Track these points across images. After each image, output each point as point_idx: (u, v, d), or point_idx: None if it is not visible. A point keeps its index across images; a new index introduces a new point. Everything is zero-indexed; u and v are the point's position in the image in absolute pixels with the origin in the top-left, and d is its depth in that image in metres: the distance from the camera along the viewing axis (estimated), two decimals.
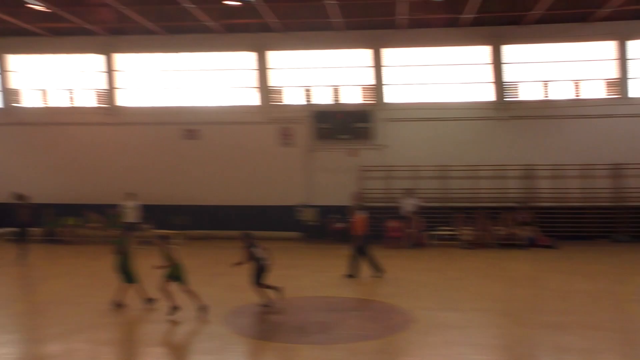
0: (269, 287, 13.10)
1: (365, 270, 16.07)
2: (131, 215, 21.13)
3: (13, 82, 24.97)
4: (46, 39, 24.08)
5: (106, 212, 22.49)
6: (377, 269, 16.08)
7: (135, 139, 24.27)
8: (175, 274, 12.21)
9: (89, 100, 24.76)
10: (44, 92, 24.95)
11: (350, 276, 15.92)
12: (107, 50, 24.29)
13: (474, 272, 17.34)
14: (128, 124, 24.27)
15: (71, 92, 24.83)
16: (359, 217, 16.22)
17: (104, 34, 23.69)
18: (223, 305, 13.05)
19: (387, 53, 23.58)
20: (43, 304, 13.45)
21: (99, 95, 24.72)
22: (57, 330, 11.28)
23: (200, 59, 24.28)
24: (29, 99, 25.08)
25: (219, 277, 16.35)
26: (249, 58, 24.04)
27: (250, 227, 23.27)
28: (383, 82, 23.69)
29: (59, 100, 24.89)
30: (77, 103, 24.81)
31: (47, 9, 19.88)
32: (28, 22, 22.02)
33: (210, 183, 23.95)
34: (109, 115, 24.33)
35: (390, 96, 23.71)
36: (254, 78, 24.11)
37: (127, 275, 12.81)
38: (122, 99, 24.58)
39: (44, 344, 10.69)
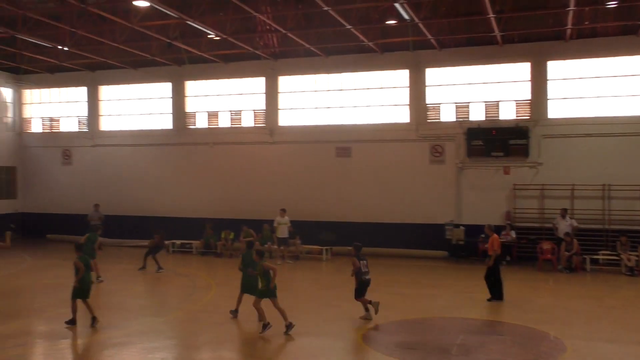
0: (368, 301, 13.33)
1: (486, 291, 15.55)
2: (283, 231, 22.08)
3: (189, 107, 27.35)
4: (217, 65, 26.19)
5: (261, 227, 23.68)
6: (492, 292, 15.51)
7: (290, 157, 25.52)
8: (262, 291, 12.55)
9: (249, 120, 26.40)
10: (209, 114, 27.01)
11: (491, 299, 15.46)
12: (270, 73, 25.81)
13: (638, 302, 15.87)
14: (284, 142, 25.59)
15: (234, 113, 26.63)
16: (494, 238, 15.76)
17: (267, 58, 25.24)
18: (362, 322, 13.20)
19: (549, 66, 22.56)
20: (197, 313, 14.55)
21: (259, 116, 26.25)
22: (207, 338, 12.14)
23: (355, 78, 25.01)
24: (196, 121, 27.29)
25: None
26: (403, 76, 24.24)
27: (396, 245, 23.64)
28: (543, 97, 22.68)
29: (222, 121, 26.80)
30: (239, 124, 26.55)
31: (219, 36, 21.59)
32: (205, 50, 24.15)
33: (358, 200, 24.46)
34: (267, 135, 25.75)
35: (549, 111, 22.56)
36: (406, 95, 24.21)
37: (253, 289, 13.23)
38: (281, 119, 25.91)
39: (195, 351, 11.60)
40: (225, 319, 13.60)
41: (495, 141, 22.79)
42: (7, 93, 29.85)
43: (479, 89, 23.50)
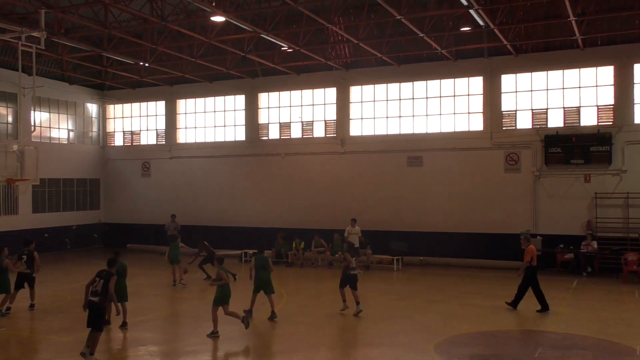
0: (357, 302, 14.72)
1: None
2: (354, 241, 21.97)
3: (261, 118, 27.90)
4: (289, 77, 26.62)
5: (332, 237, 23.72)
6: (516, 300, 15.41)
7: (361, 167, 25.51)
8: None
9: (321, 131, 26.63)
10: (281, 125, 27.44)
11: (541, 310, 15.10)
12: (341, 83, 25.99)
13: None
14: (355, 152, 25.61)
15: (305, 124, 26.94)
16: (531, 247, 15.47)
17: (339, 69, 25.43)
18: (437, 333, 12.99)
19: (636, 69, 21.62)
20: (269, 322, 14.62)
21: (330, 126, 26.44)
22: (280, 347, 12.25)
23: (427, 86, 24.78)
24: (268, 132, 27.78)
25: (434, 304, 16.31)
26: (477, 83, 23.85)
27: (469, 255, 23.16)
28: (628, 101, 21.72)
29: (294, 132, 27.16)
30: (311, 134, 26.82)
31: (292, 48, 21.99)
32: (277, 62, 24.65)
33: (430, 210, 24.16)
34: (338, 145, 25.86)
35: (635, 116, 21.58)
36: (480, 103, 23.78)
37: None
38: (352, 129, 26.00)
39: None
40: (297, 328, 13.68)
41: (575, 148, 21.97)
42: (93, 108, 31.42)
43: (558, 94, 22.73)
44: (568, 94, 22.59)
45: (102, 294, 10.97)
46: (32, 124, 22.48)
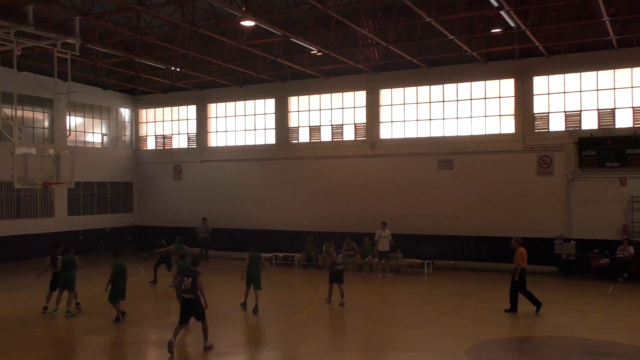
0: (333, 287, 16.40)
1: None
2: (384, 244, 21.92)
3: (291, 122, 28.01)
4: (319, 80, 26.69)
5: (362, 240, 23.64)
6: (535, 303, 15.39)
7: (391, 170, 25.41)
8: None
9: (350, 134, 26.62)
10: (311, 128, 27.49)
11: (510, 310, 15.37)
12: (371, 87, 25.97)
13: None
14: (385, 155, 25.53)
15: (335, 127, 26.94)
16: (521, 250, 15.56)
17: (368, 72, 25.40)
18: (468, 338, 12.85)
19: None
20: (299, 325, 14.73)
21: (360, 129, 26.40)
22: (309, 351, 12.25)
23: (457, 88, 24.60)
24: (298, 135, 27.85)
25: (464, 308, 16.15)
26: (508, 85, 23.60)
27: (501, 259, 22.87)
28: None
29: (324, 135, 27.19)
30: (340, 137, 26.83)
31: (321, 52, 22.05)
32: (307, 66, 24.75)
33: (461, 213, 23.91)
34: (368, 148, 25.82)
35: None
36: (511, 105, 23.49)
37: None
38: (382, 132, 25.92)
39: None
40: (326, 332, 13.68)
41: (609, 151, 21.55)
42: (126, 113, 31.95)
43: (591, 96, 22.33)
44: (602, 95, 22.18)
45: (193, 291, 12.05)
46: (68, 128, 23.04)
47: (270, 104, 28.57)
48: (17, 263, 24.81)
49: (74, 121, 28.54)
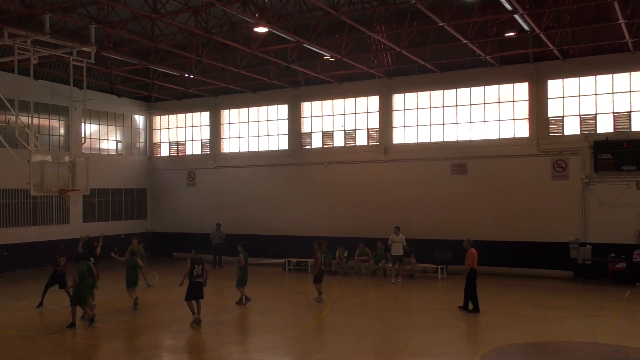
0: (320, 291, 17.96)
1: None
2: (397, 249, 21.86)
3: (304, 127, 28.10)
4: (332, 86, 26.74)
5: (375, 245, 23.61)
6: (475, 305, 16.02)
7: (404, 175, 25.35)
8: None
9: (363, 139, 26.62)
10: (324, 133, 27.53)
11: (462, 308, 16.14)
12: (384, 92, 25.98)
13: None
14: (398, 160, 25.48)
15: (348, 132, 26.96)
16: (472, 250, 16.28)
17: (382, 77, 25.41)
18: (483, 344, 12.78)
19: None
20: (313, 331, 14.75)
21: (373, 134, 26.38)
22: (324, 356, 12.23)
23: (471, 93, 24.50)
24: (311, 141, 27.90)
25: (480, 314, 16.04)
26: (522, 89, 23.49)
27: (516, 264, 22.74)
28: None
29: (337, 140, 27.22)
30: (353, 143, 26.82)
31: (334, 57, 22.11)
32: (320, 72, 24.82)
33: (475, 218, 23.77)
34: (381, 153, 25.79)
35: None
36: (526, 109, 23.38)
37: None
38: (395, 137, 25.91)
39: None
40: (341, 337, 13.64)
41: (626, 154, 21.35)
42: (140, 120, 32.19)
43: (607, 99, 22.16)
44: (618, 98, 22.00)
45: (203, 275, 15.04)
46: (83, 135, 23.16)
47: (283, 109, 28.64)
48: (33, 270, 25.03)
49: (89, 128, 28.78)
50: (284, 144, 28.56)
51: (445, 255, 23.14)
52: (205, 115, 30.92)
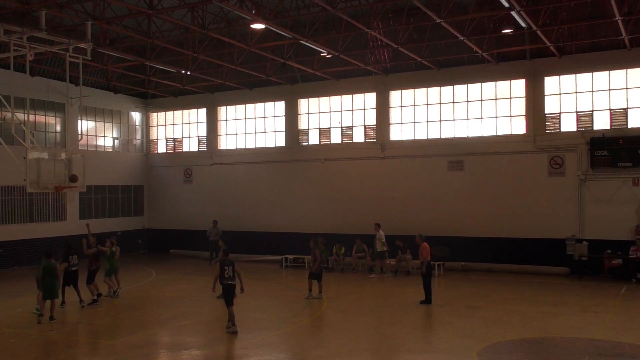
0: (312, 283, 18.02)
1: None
2: (378, 245, 22.20)
3: (301, 124, 28.07)
4: (329, 82, 26.72)
5: (372, 242, 23.60)
6: (428, 297, 16.83)
7: (401, 172, 25.37)
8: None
9: (360, 136, 26.63)
10: (321, 130, 27.51)
11: (424, 302, 16.74)
12: (381, 88, 25.97)
13: None
14: (395, 157, 25.49)
15: (345, 129, 26.95)
16: (424, 245, 17.08)
17: (378, 73, 25.41)
18: (480, 340, 12.81)
19: None
20: (310, 327, 14.77)
21: (370, 131, 26.38)
22: (321, 352, 12.24)
23: (467, 89, 24.50)
24: (308, 138, 27.89)
25: (476, 310, 16.09)
26: (519, 85, 23.51)
27: (513, 260, 22.79)
28: None
29: (334, 137, 27.20)
30: (350, 139, 26.83)
31: (331, 54, 22.09)
32: (317, 68, 24.82)
33: (472, 214, 23.83)
34: (378, 150, 25.80)
35: None
36: (522, 106, 23.40)
37: None
38: (392, 134, 25.92)
39: None
40: (338, 333, 13.66)
41: (622, 151, 21.41)
42: (137, 117, 32.12)
43: (604, 96, 22.20)
44: (615, 95, 22.04)
45: (234, 277, 14.07)
46: (79, 132, 23.15)
47: (280, 106, 28.62)
48: (30, 267, 24.98)
49: (85, 125, 28.74)
50: (280, 141, 28.54)
51: (442, 252, 23.15)
52: (202, 112, 30.87)
